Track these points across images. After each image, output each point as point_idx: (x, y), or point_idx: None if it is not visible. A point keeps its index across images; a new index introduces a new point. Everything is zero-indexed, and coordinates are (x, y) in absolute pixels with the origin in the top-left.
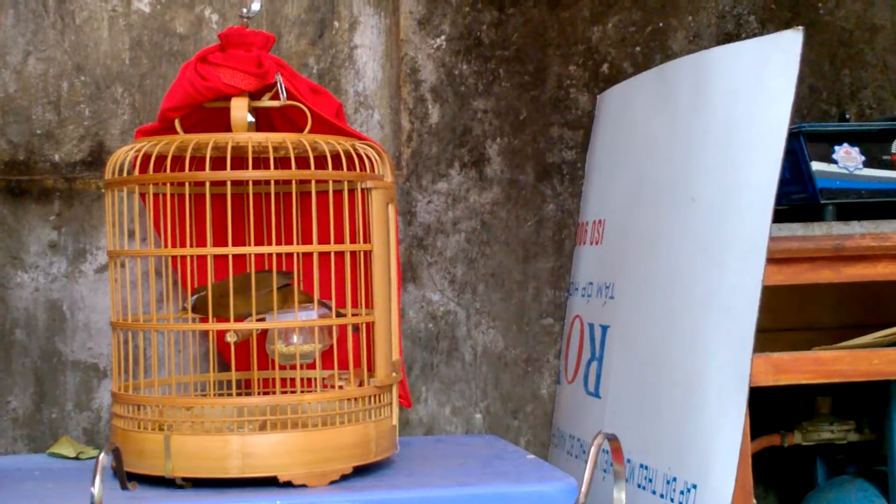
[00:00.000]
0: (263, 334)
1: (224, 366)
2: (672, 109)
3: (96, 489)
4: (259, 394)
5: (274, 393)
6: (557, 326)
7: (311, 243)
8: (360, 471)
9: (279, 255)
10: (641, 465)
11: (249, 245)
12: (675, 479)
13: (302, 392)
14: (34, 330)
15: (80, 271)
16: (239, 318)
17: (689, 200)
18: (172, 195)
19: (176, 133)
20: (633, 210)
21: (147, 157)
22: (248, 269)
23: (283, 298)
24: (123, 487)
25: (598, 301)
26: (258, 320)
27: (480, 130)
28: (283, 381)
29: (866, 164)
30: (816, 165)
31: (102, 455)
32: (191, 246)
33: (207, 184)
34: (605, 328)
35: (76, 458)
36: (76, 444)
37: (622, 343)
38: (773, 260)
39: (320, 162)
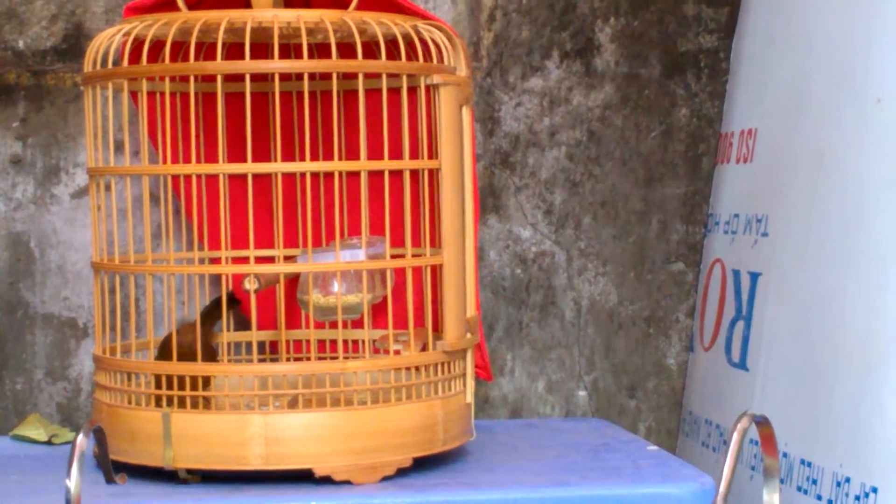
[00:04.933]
0: (294, 281)
1: (242, 323)
2: None
3: (73, 482)
4: (289, 360)
5: (308, 359)
6: (691, 274)
7: (357, 159)
8: (423, 464)
9: (315, 174)
10: (803, 462)
11: (275, 161)
12: (848, 481)
13: (345, 358)
14: None
15: (51, 196)
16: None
17: (875, 102)
18: (173, 94)
19: (177, 10)
20: (795, 116)
21: (140, 42)
22: (273, 192)
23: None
24: (109, 480)
25: (746, 240)
26: (287, 260)
27: (588, 7)
28: (321, 343)
29: None
30: None
31: (81, 438)
32: (198, 162)
33: (220, 78)
34: (755, 276)
35: (48, 443)
36: (48, 423)
37: (779, 296)
38: None
39: (370, 49)
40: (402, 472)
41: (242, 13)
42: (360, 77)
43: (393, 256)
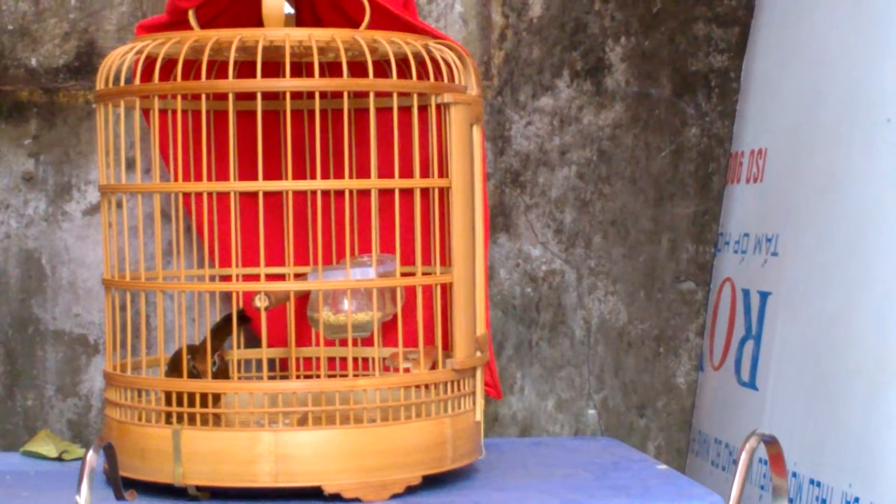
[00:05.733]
0: (304, 299)
1: (252, 340)
2: None
3: (83, 499)
4: (298, 377)
5: (318, 377)
6: (700, 293)
7: (368, 177)
8: (432, 482)
9: (326, 192)
10: (812, 482)
11: (286, 179)
12: (857, 501)
13: (355, 376)
14: (4, 290)
15: (63, 213)
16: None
17: (885, 122)
18: (185, 112)
19: (190, 28)
20: (805, 136)
21: (152, 60)
22: (283, 210)
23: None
24: (118, 497)
25: (756, 259)
26: (297, 278)
27: (598, 27)
28: (331, 361)
29: None
30: None
31: (91, 454)
32: (209, 180)
33: (231, 96)
34: (764, 295)
35: (58, 459)
36: (58, 440)
37: (788, 316)
38: None
39: (381, 68)
40: (411, 490)
41: (254, 32)
42: (371, 96)
43: (403, 274)
